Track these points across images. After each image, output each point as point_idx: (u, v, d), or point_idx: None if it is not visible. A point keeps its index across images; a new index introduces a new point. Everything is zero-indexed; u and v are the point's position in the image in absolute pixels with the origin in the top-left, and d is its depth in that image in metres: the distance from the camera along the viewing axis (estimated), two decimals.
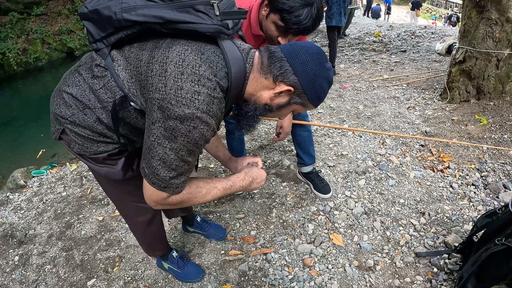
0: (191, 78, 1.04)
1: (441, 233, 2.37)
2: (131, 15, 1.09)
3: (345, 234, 2.43)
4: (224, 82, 1.11)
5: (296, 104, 1.22)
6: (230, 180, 1.37)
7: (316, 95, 1.18)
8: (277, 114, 1.29)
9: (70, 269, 2.35)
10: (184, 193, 1.24)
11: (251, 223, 2.59)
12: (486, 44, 3.84)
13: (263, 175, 1.46)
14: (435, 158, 3.21)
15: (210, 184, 1.32)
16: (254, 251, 2.35)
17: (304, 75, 1.13)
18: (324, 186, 2.75)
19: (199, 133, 1.08)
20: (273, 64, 1.14)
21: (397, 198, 2.71)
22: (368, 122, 4.03)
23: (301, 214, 2.61)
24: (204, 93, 1.04)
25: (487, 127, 3.59)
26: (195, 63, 1.06)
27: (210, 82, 1.06)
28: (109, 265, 2.35)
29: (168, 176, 1.14)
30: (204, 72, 1.06)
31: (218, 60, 1.11)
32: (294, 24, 1.61)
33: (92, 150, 1.37)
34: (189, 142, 1.09)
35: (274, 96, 1.19)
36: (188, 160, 1.15)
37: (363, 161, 3.19)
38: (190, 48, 1.09)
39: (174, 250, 2.18)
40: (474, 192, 2.76)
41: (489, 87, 3.96)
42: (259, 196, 2.85)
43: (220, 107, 1.11)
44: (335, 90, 5.24)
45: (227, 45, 1.13)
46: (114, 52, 1.20)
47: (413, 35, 8.48)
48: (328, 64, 1.18)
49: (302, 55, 1.13)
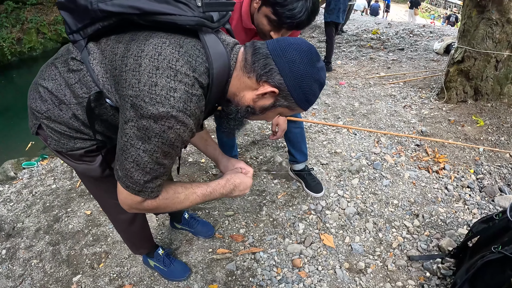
0: (166, 73, 0.95)
1: (434, 236, 2.31)
2: (107, 5, 1.01)
3: (337, 235, 2.36)
4: (204, 79, 1.03)
5: (282, 107, 1.12)
6: (210, 186, 1.27)
7: (304, 98, 1.08)
8: (261, 117, 1.20)
9: (56, 264, 2.29)
10: (160, 198, 1.15)
11: (240, 220, 2.51)
12: (485, 45, 3.77)
13: (247, 183, 1.35)
14: (431, 158, 3.15)
15: (189, 189, 1.22)
16: (243, 250, 2.29)
17: (290, 76, 1.03)
18: (316, 185, 2.67)
19: (175, 134, 0.99)
20: (257, 62, 1.05)
21: (390, 198, 2.65)
22: (363, 120, 3.96)
23: (292, 213, 2.54)
24: (180, 89, 0.96)
25: (484, 128, 3.53)
26: (171, 57, 0.97)
27: (188, 77, 0.98)
28: (95, 261, 2.29)
29: (142, 179, 1.06)
30: (182, 67, 0.97)
31: (198, 55, 1.02)
32: (288, 18, 1.52)
33: (68, 147, 1.29)
34: (164, 144, 1.00)
35: (257, 98, 1.10)
36: (164, 163, 1.06)
37: (357, 160, 3.12)
38: (168, 40, 1.00)
39: (160, 247, 2.12)
40: (469, 194, 2.70)
41: (487, 88, 3.90)
42: (249, 193, 2.77)
43: (199, 105, 1.02)
44: (331, 86, 5.16)
45: (210, 39, 1.05)
46: (90, 45, 1.12)
47: (411, 34, 8.41)
48: (320, 64, 1.07)
49: (289, 53, 1.03)
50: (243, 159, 3.25)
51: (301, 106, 1.10)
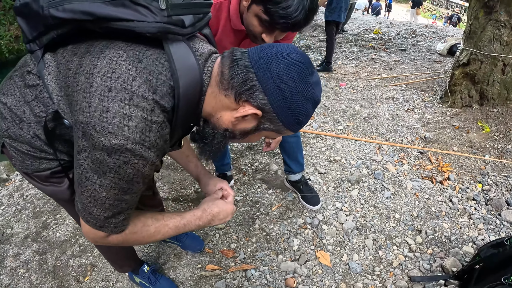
0: (120, 97, 0.79)
1: (438, 255, 2.16)
2: (58, 10, 0.84)
3: (333, 252, 2.21)
4: (167, 101, 0.86)
5: (268, 130, 0.95)
6: (184, 218, 1.11)
7: (294, 120, 0.91)
8: (244, 140, 1.03)
9: (42, 275, 2.19)
10: (127, 233, 1.00)
11: (232, 234, 2.36)
12: (492, 47, 3.61)
13: (227, 210, 1.19)
14: (434, 167, 2.99)
15: (160, 221, 1.07)
16: (233, 266, 2.14)
17: (277, 95, 0.85)
18: (313, 197, 2.52)
19: (133, 169, 0.85)
20: (235, 77, 0.86)
21: (392, 212, 2.49)
22: (364, 124, 3.80)
23: (287, 227, 2.38)
24: (137, 117, 0.80)
25: (489, 135, 3.37)
26: (127, 75, 0.81)
27: (146, 101, 0.81)
28: (80, 273, 2.18)
29: (102, 215, 0.92)
30: (139, 88, 0.81)
31: (160, 71, 0.86)
32: (282, 18, 1.30)
33: (33, 167, 1.13)
34: (121, 180, 0.85)
35: (236, 121, 0.92)
36: (125, 198, 0.91)
37: (357, 169, 2.96)
38: (126, 53, 0.84)
39: (145, 264, 2.00)
40: (474, 208, 2.55)
41: (493, 93, 3.74)
42: (242, 204, 2.62)
43: (161, 134, 0.86)
44: (331, 88, 5.00)
45: (177, 50, 0.88)
46: (47, 56, 0.95)
47: (414, 34, 8.24)
48: (313, 78, 0.90)
49: (275, 65, 0.84)
50: (237, 165, 3.09)
51: (291, 129, 0.94)
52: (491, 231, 2.35)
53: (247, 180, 2.89)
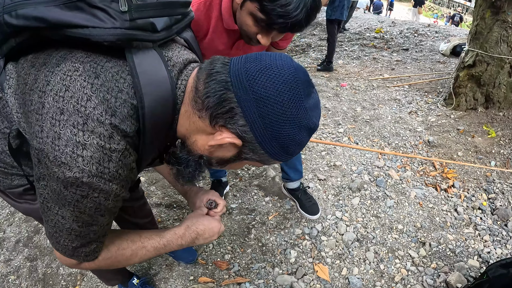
0: (72, 121, 0.67)
1: (442, 269, 2.05)
2: (11, 17, 0.71)
3: (333, 266, 2.09)
4: (129, 124, 0.72)
5: (250, 160, 0.81)
6: (164, 238, 0.99)
7: (282, 151, 0.75)
8: (224, 168, 0.90)
9: (32, 282, 2.12)
10: (100, 259, 0.90)
11: (226, 245, 2.25)
12: (499, 49, 3.49)
13: (213, 228, 1.05)
14: (439, 173, 2.88)
15: (137, 243, 0.95)
16: (227, 279, 2.04)
17: (260, 122, 0.70)
18: (311, 206, 2.39)
19: (93, 204, 0.73)
20: (211, 96, 0.71)
21: (395, 223, 2.37)
22: (366, 127, 3.68)
23: (284, 237, 2.27)
24: (92, 145, 0.67)
25: (495, 140, 3.25)
26: (81, 94, 0.68)
27: (103, 126, 0.68)
28: (70, 282, 2.09)
29: (70, 245, 0.82)
30: (94, 109, 0.68)
31: (121, 87, 0.72)
32: (280, 17, 1.13)
33: (6, 184, 1.02)
34: (83, 213, 0.75)
35: (211, 149, 0.79)
36: (92, 230, 0.80)
37: (359, 175, 2.84)
38: (82, 67, 0.70)
39: (135, 276, 1.91)
40: (480, 218, 2.44)
41: (499, 96, 3.62)
42: (237, 212, 2.50)
43: (124, 164, 0.73)
44: (332, 88, 4.87)
45: (144, 60, 0.74)
46: (9, 66, 0.82)
47: (416, 33, 8.10)
48: (311, 100, 0.74)
49: (260, 84, 0.68)
50: (233, 170, 2.97)
51: (279, 159, 0.79)
52: (497, 243, 2.24)
53: (244, 186, 2.77)
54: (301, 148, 0.78)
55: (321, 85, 5.00)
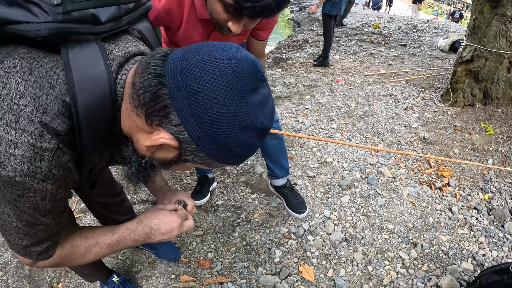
0: (6, 119, 0.64)
1: (434, 272, 1.95)
2: None
3: (318, 266, 1.99)
4: (60, 122, 0.68)
5: (194, 163, 0.73)
6: (116, 234, 0.91)
7: (226, 154, 0.66)
8: (168, 169, 0.82)
9: (19, 278, 2.04)
10: (54, 258, 0.86)
11: (210, 243, 2.15)
12: (498, 44, 3.38)
13: (171, 223, 0.93)
14: (434, 171, 2.78)
15: (90, 240, 0.90)
16: (209, 278, 1.94)
17: (193, 122, 0.62)
18: (298, 204, 2.29)
19: (31, 203, 0.70)
20: (146, 91, 0.64)
21: (385, 222, 2.27)
22: (360, 123, 3.57)
23: (269, 236, 2.17)
24: (23, 144, 0.64)
25: (493, 137, 3.15)
26: (15, 91, 0.65)
27: (33, 124, 0.65)
28: (55, 279, 2.02)
29: (21, 244, 0.79)
30: (26, 107, 0.65)
31: (54, 84, 0.67)
32: (248, 1, 1.02)
33: None
34: (23, 213, 0.72)
35: (150, 149, 0.71)
36: (39, 229, 0.77)
37: (350, 172, 2.73)
38: (20, 63, 0.67)
39: (115, 274, 1.85)
40: (476, 218, 2.33)
41: (497, 92, 3.51)
42: (223, 209, 2.40)
43: (58, 163, 0.69)
44: (327, 83, 4.77)
45: (79, 55, 0.69)
46: None
47: (415, 29, 8.00)
48: (257, 96, 0.64)
49: (193, 78, 0.60)
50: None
51: (227, 163, 0.70)
52: (493, 245, 2.14)
53: (231, 182, 2.67)
54: (250, 150, 0.69)
55: (316, 80, 4.89)
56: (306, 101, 4.17)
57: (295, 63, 6.08)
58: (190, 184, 2.69)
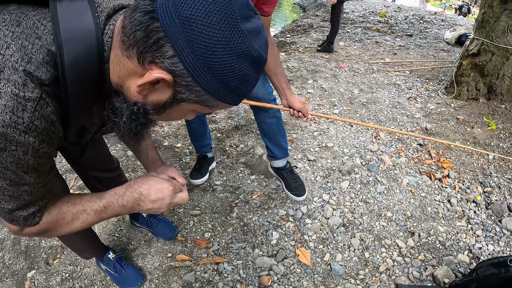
0: None
1: (430, 262, 1.95)
2: None
3: (315, 250, 1.99)
4: (45, 71, 0.66)
5: (190, 102, 0.70)
6: (104, 199, 0.88)
7: (221, 86, 0.65)
8: (164, 118, 0.78)
9: (15, 255, 2.05)
10: (41, 224, 0.84)
11: (207, 222, 2.14)
12: (506, 39, 3.34)
13: (163, 190, 0.89)
14: (434, 162, 2.76)
15: (77, 206, 0.87)
16: (205, 258, 1.94)
17: (188, 49, 0.60)
18: (298, 186, 2.27)
19: (13, 158, 0.68)
20: (137, 30, 0.62)
21: (384, 210, 2.26)
22: (362, 110, 3.55)
23: (267, 218, 2.16)
24: (6, 93, 0.63)
25: (495, 133, 3.13)
26: (2, 42, 0.64)
27: (17, 73, 0.64)
28: (51, 255, 2.02)
29: (7, 207, 0.77)
30: (11, 57, 0.64)
31: (40, 34, 0.67)
32: None
33: None
34: (6, 169, 0.69)
35: (142, 90, 0.68)
36: (24, 190, 0.75)
37: (350, 158, 2.72)
38: (9, 17, 0.67)
39: (110, 251, 1.85)
40: (474, 211, 2.33)
41: (502, 88, 3.49)
42: (221, 189, 2.38)
43: (41, 114, 0.67)
44: (330, 69, 4.72)
45: (67, 6, 0.68)
46: None
47: (422, 20, 7.91)
48: (250, 24, 0.63)
49: (187, 5, 0.59)
50: (221, 146, 2.85)
51: (223, 99, 0.68)
52: (490, 239, 2.14)
53: (230, 163, 2.65)
54: (247, 84, 0.67)
55: (320, 65, 4.84)
56: (308, 86, 4.13)
57: (299, 48, 6.01)
58: (189, 164, 2.67)
